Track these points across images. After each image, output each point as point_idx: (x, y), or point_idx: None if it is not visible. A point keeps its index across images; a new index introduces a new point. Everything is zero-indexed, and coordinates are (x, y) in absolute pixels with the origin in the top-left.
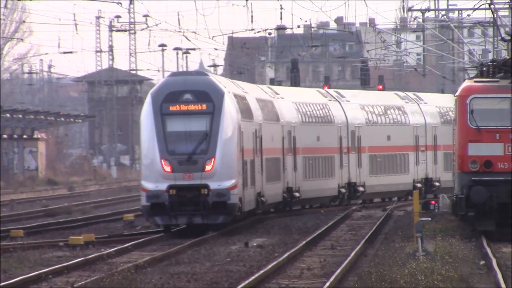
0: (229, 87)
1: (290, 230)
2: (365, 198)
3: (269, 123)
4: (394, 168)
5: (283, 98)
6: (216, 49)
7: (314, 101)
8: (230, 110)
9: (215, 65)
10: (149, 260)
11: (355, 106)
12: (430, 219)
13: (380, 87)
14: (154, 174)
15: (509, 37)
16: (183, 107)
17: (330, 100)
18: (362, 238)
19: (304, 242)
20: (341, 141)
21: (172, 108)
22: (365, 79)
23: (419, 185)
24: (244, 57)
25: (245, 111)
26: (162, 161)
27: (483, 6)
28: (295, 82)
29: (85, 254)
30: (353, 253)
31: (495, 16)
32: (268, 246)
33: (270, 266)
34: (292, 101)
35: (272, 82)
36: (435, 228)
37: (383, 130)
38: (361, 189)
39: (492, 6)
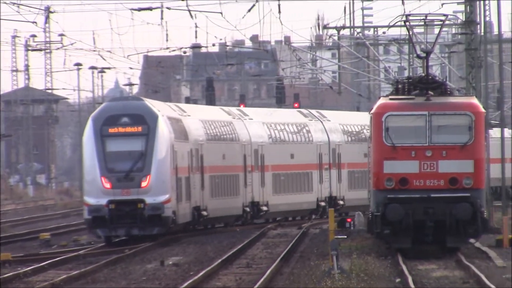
0: (164, 111)
1: (206, 248)
2: (269, 217)
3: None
4: (297, 186)
5: (189, 115)
6: (131, 68)
7: (219, 119)
8: (163, 131)
9: (130, 84)
10: (66, 278)
11: (258, 124)
12: (345, 237)
13: (296, 105)
14: (95, 190)
15: (424, 54)
16: (121, 129)
17: (234, 118)
18: (278, 256)
19: (219, 260)
20: (245, 160)
21: (111, 130)
22: (280, 97)
23: (323, 203)
24: (159, 76)
25: (179, 132)
26: (103, 178)
27: (399, 23)
28: (210, 100)
29: (2, 273)
30: (268, 271)
31: (411, 33)
32: (184, 265)
33: (185, 284)
34: (199, 119)
35: (188, 100)
36: (350, 246)
37: (286, 148)
38: (264, 208)
39: (407, 23)
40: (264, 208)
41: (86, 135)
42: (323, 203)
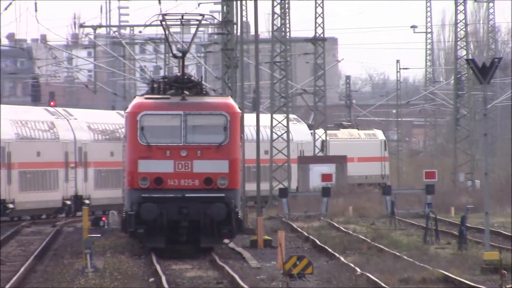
0: None
1: None
2: (14, 215)
3: None
4: (43, 185)
5: None
6: None
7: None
8: None
9: None
10: None
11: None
12: (99, 235)
13: (52, 103)
14: None
15: (180, 54)
16: None
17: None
18: (32, 254)
19: None
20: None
21: None
22: (36, 96)
23: (68, 202)
24: None
25: None
26: None
27: (155, 23)
28: None
29: None
30: (22, 269)
31: (167, 32)
32: None
33: None
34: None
35: None
36: (104, 245)
37: (34, 145)
38: (87, 201)
39: (163, 23)
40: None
41: None
42: (68, 202)
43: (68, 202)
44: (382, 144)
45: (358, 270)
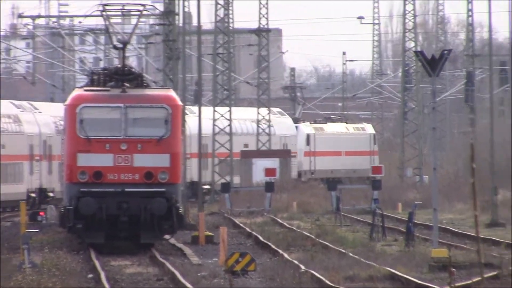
0: None
1: None
2: None
3: None
4: (8, 177)
5: None
6: None
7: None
8: None
9: None
10: None
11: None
12: (38, 230)
13: None
14: None
15: (121, 45)
16: None
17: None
18: None
19: None
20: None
21: None
22: None
23: (33, 195)
24: None
25: None
26: None
27: (96, 13)
28: None
29: None
30: None
31: (107, 23)
32: None
33: None
34: None
35: None
36: (42, 240)
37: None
38: (51, 194)
39: (104, 13)
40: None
41: None
42: (33, 194)
43: (33, 195)
44: (371, 138)
45: (302, 267)
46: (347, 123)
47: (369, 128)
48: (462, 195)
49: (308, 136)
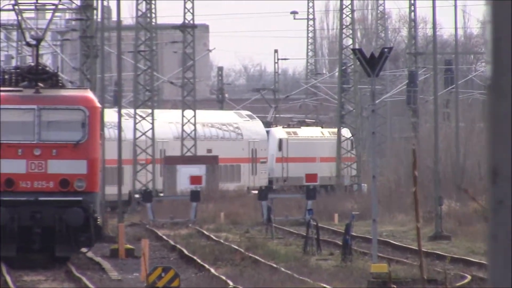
0: None
1: None
2: None
3: None
4: None
5: None
6: None
7: None
8: None
9: None
10: None
11: None
12: None
13: None
14: None
15: (34, 42)
16: None
17: None
18: None
19: None
20: None
21: None
22: None
23: None
24: None
25: None
26: None
27: (7, 7)
28: None
29: None
30: None
31: (20, 18)
32: None
33: None
34: None
35: None
36: None
37: None
38: None
39: (16, 7)
40: None
41: None
42: None
43: None
44: (349, 143)
45: (231, 283)
46: (322, 127)
47: (346, 133)
48: (403, 205)
49: (280, 140)
